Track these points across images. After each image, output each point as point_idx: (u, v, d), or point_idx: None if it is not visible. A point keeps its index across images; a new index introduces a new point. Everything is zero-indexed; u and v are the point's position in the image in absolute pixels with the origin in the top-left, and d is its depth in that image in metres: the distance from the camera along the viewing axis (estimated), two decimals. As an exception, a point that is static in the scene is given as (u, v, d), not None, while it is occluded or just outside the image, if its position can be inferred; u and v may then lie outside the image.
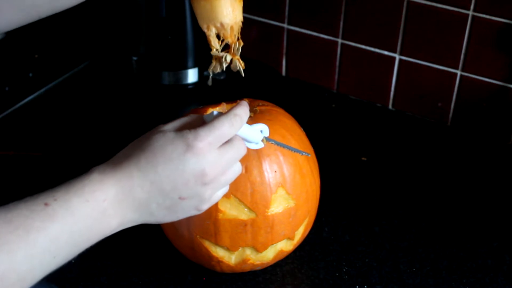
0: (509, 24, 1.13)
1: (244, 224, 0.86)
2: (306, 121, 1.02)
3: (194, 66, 1.23)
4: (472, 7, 1.14)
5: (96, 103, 1.30)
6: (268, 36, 1.36)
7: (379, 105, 1.32)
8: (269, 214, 0.86)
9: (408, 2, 1.19)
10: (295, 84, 1.37)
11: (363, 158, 1.18)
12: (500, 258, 0.98)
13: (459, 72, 1.21)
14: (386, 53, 1.26)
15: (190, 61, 1.22)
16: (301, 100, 1.33)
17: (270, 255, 0.91)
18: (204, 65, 1.23)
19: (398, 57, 1.25)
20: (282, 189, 0.87)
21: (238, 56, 0.87)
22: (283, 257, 0.94)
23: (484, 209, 1.07)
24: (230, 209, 0.86)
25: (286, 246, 0.92)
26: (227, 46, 0.87)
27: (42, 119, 1.25)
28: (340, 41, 1.29)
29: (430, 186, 1.12)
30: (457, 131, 1.25)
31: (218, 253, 0.89)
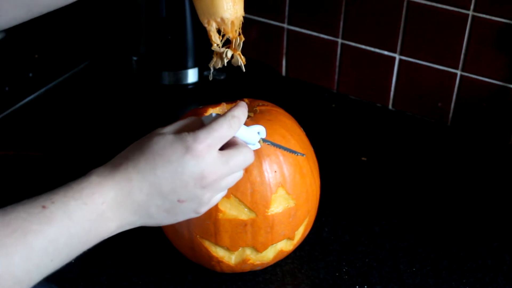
0: (509, 24, 1.13)
1: (244, 224, 0.86)
2: (306, 121, 1.02)
3: (194, 66, 1.23)
4: (472, 7, 1.14)
5: (96, 103, 1.29)
6: (268, 36, 1.36)
7: (379, 105, 1.32)
8: (269, 214, 0.86)
9: (408, 2, 1.19)
10: (295, 84, 1.37)
11: (363, 158, 1.18)
12: (500, 258, 0.98)
13: (459, 72, 1.21)
14: (386, 53, 1.26)
15: (190, 61, 1.22)
16: (301, 100, 1.33)
17: (270, 255, 0.91)
18: (204, 65, 1.23)
19: (398, 57, 1.25)
20: (282, 189, 0.87)
21: (239, 51, 0.86)
22: (283, 257, 0.94)
23: (484, 209, 1.07)
24: (230, 209, 0.86)
25: (286, 246, 0.92)
26: (228, 42, 0.86)
27: (42, 119, 1.25)
28: (340, 41, 1.29)
29: (430, 186, 1.12)
30: (457, 131, 1.25)
31: (218, 253, 0.89)
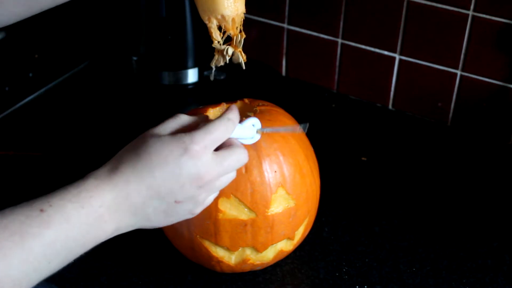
0: (509, 24, 1.13)
1: (244, 224, 0.86)
2: (306, 121, 1.01)
3: (194, 66, 1.23)
4: (472, 7, 1.14)
5: (96, 103, 1.29)
6: (268, 36, 1.36)
7: (379, 105, 1.32)
8: (269, 214, 0.86)
9: (408, 2, 1.19)
10: (295, 84, 1.37)
11: (363, 158, 1.18)
12: (500, 258, 0.98)
13: (459, 72, 1.21)
14: (386, 53, 1.26)
15: (190, 61, 1.22)
16: (301, 100, 1.33)
17: (270, 255, 0.91)
18: (204, 65, 1.23)
19: (398, 57, 1.25)
20: (282, 189, 0.87)
21: (240, 48, 0.86)
22: (283, 257, 0.94)
23: (484, 209, 1.07)
24: (230, 209, 0.86)
25: (286, 246, 0.92)
26: (229, 39, 0.86)
27: (42, 119, 1.25)
28: (340, 41, 1.29)
29: (430, 186, 1.12)
30: (457, 131, 1.25)
31: (218, 253, 0.89)
